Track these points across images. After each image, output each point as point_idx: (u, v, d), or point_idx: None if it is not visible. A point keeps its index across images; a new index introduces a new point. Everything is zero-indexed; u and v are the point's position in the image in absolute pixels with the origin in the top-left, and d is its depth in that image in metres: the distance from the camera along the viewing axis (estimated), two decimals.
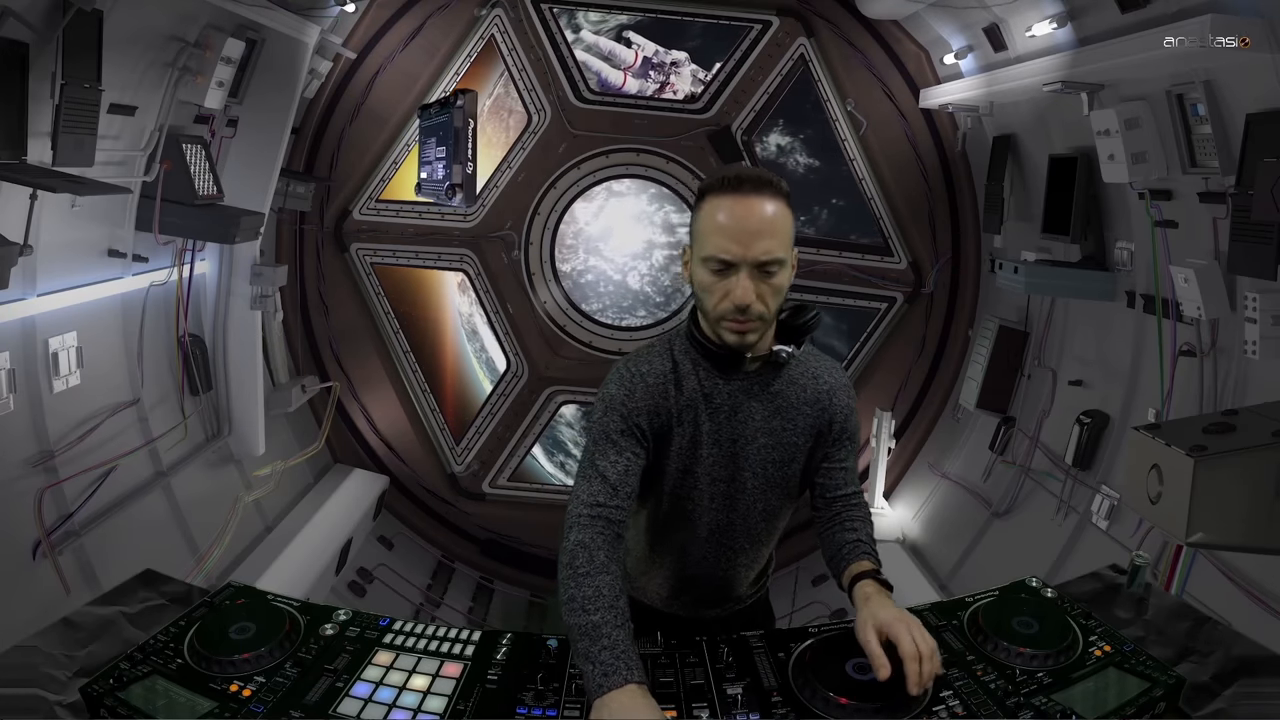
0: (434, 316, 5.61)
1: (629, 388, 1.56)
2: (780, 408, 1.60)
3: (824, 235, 5.42)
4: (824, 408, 1.62)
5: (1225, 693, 1.28)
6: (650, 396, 1.56)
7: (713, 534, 1.67)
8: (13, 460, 2.80)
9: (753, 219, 1.43)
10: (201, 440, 3.95)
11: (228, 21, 3.43)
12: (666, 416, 1.58)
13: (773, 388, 1.60)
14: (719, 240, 1.44)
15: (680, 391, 1.58)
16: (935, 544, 4.65)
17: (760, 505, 1.66)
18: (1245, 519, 2.03)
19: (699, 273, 1.49)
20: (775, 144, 5.39)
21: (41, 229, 2.76)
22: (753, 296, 1.44)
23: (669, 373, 1.59)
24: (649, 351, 1.63)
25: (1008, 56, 3.94)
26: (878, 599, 1.38)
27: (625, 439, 1.53)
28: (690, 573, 1.73)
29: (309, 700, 1.21)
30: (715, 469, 1.61)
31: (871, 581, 1.44)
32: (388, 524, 5.33)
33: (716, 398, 1.58)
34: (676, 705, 1.26)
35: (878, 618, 1.31)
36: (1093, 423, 3.61)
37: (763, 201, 1.44)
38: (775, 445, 1.61)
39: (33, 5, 2.46)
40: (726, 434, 1.60)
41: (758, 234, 1.43)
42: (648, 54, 5.22)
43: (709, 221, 1.46)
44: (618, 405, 1.55)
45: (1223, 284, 2.83)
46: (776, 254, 1.44)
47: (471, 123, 4.52)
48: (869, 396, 5.33)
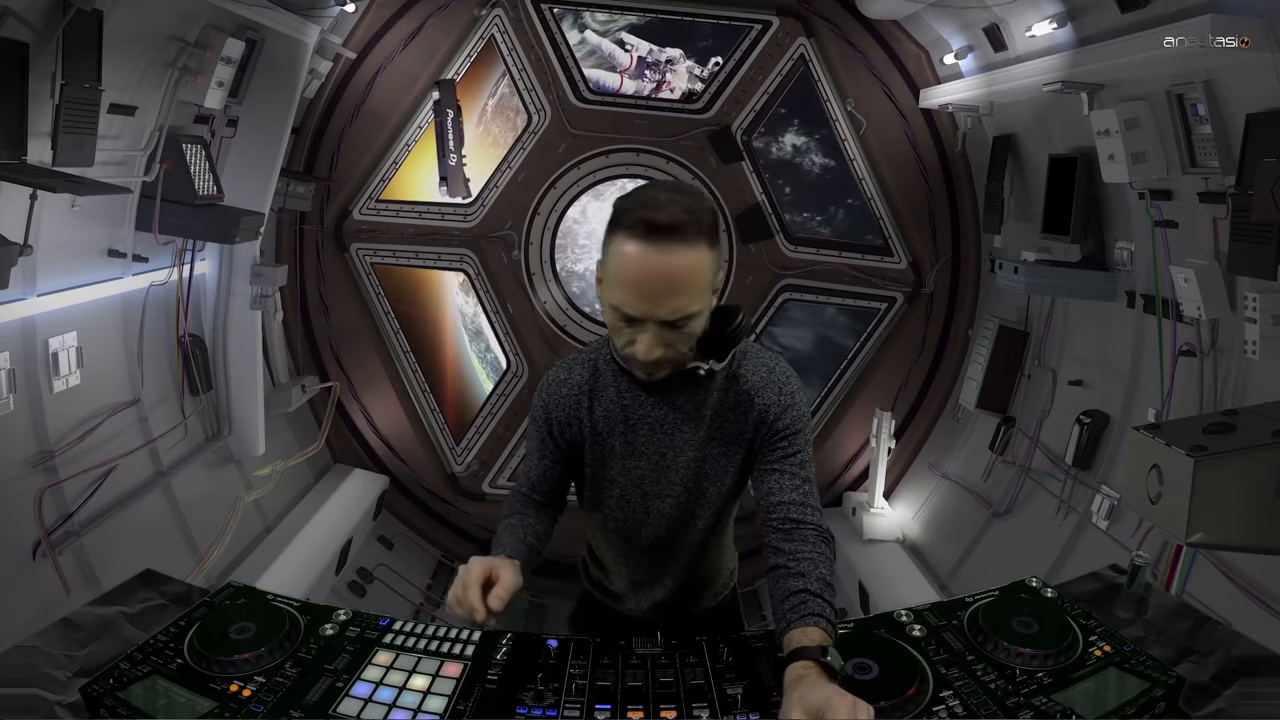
0: (434, 316, 5.60)
1: (545, 398, 1.60)
2: (706, 416, 1.52)
3: (824, 235, 5.42)
4: (746, 409, 1.51)
5: (1225, 693, 1.28)
6: (563, 408, 1.57)
7: (653, 546, 1.64)
8: (13, 460, 2.80)
9: (662, 278, 1.30)
10: (201, 440, 3.95)
11: (228, 21, 3.43)
12: (579, 427, 1.57)
13: (697, 396, 1.52)
14: (624, 295, 1.33)
15: (597, 403, 1.56)
16: (935, 544, 4.65)
17: (699, 521, 1.60)
18: (1245, 519, 2.03)
19: (608, 312, 1.39)
20: (775, 144, 5.38)
21: (41, 229, 2.76)
22: (659, 350, 1.37)
23: (584, 384, 1.57)
24: (573, 360, 1.62)
25: (1008, 56, 3.94)
26: (810, 680, 1.17)
27: (543, 448, 1.61)
28: (643, 578, 1.71)
29: (309, 700, 1.21)
30: (643, 482, 1.58)
31: (805, 663, 1.20)
32: (388, 524, 5.33)
33: (638, 410, 1.53)
34: (676, 705, 1.26)
35: (806, 701, 1.12)
36: (1093, 423, 3.61)
37: (675, 255, 1.29)
38: (703, 458, 1.54)
39: (33, 5, 2.46)
40: (651, 447, 1.55)
41: (666, 293, 1.31)
42: (642, 54, 5.21)
43: (616, 264, 1.34)
44: (537, 415, 1.61)
45: (1223, 284, 2.83)
46: (687, 309, 1.34)
47: (450, 113, 4.54)
48: (869, 396, 5.34)
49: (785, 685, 1.19)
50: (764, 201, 5.31)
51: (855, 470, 5.43)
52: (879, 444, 4.77)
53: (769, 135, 5.34)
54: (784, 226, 5.36)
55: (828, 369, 5.49)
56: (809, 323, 5.54)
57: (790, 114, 5.31)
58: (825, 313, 5.51)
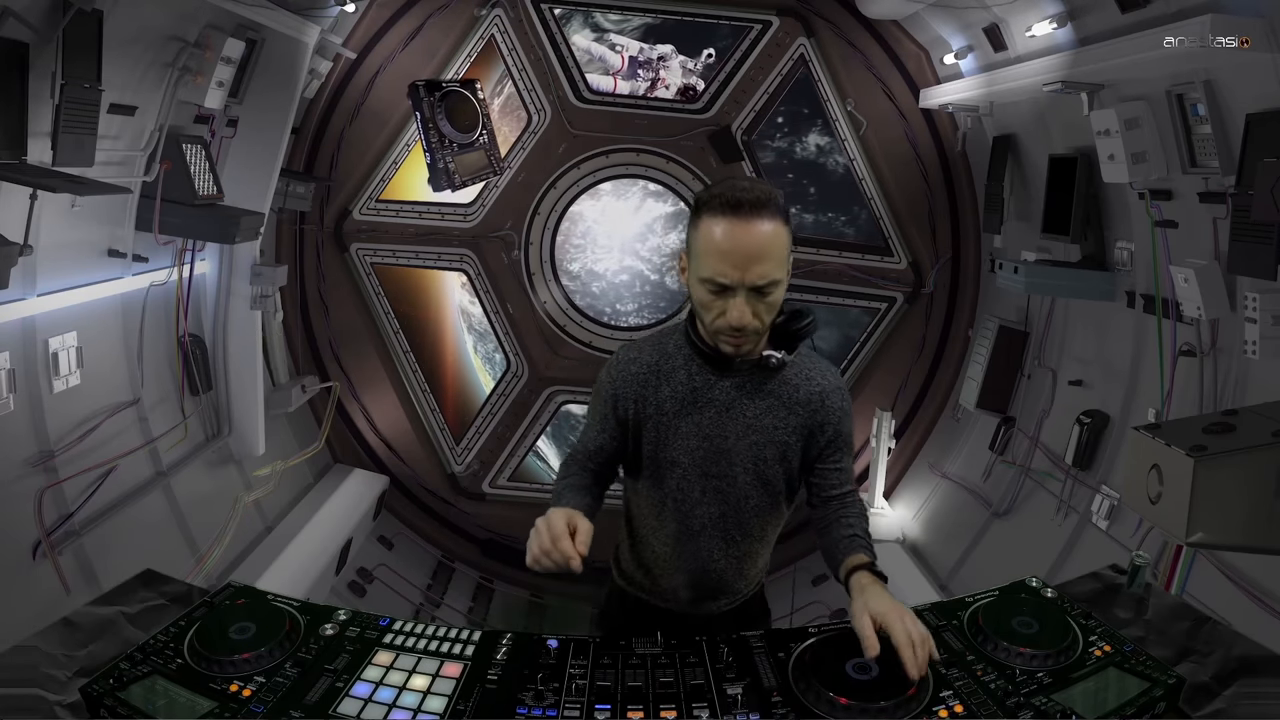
0: (434, 316, 5.61)
1: (614, 375, 1.68)
2: (772, 406, 1.65)
3: (824, 235, 5.42)
4: (815, 409, 1.66)
5: (1225, 693, 1.28)
6: (630, 386, 1.66)
7: (706, 527, 1.71)
8: (13, 460, 2.80)
9: (750, 244, 1.44)
10: (201, 440, 3.95)
11: (228, 21, 3.43)
12: (643, 406, 1.66)
13: (766, 387, 1.64)
14: (716, 264, 1.46)
15: (665, 384, 1.65)
16: (935, 544, 4.64)
17: (753, 501, 1.70)
18: (1245, 519, 2.03)
19: (697, 289, 1.53)
20: (775, 144, 5.38)
21: (41, 229, 2.76)
22: (749, 317, 1.49)
23: (653, 365, 1.66)
24: (643, 343, 1.72)
25: (1008, 56, 3.94)
26: (873, 589, 1.43)
27: (603, 422, 1.70)
28: (687, 564, 1.75)
29: (309, 700, 1.21)
30: (705, 462, 1.66)
31: (867, 573, 1.48)
32: (388, 524, 5.34)
33: (707, 393, 1.63)
34: (676, 705, 1.26)
35: (871, 607, 1.35)
36: (1093, 423, 3.61)
37: (760, 224, 1.44)
38: (766, 443, 1.65)
39: (33, 5, 2.46)
40: (716, 429, 1.64)
41: (754, 259, 1.45)
42: (633, 53, 5.21)
43: (706, 241, 1.48)
44: (603, 391, 1.70)
45: (1223, 284, 2.83)
46: (773, 276, 1.47)
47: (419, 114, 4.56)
48: (869, 396, 5.34)
49: (851, 593, 1.46)
50: None
51: (855, 470, 5.42)
52: (879, 444, 4.77)
53: (768, 135, 5.34)
54: None
55: None
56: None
57: (790, 114, 5.31)
58: (822, 312, 5.52)
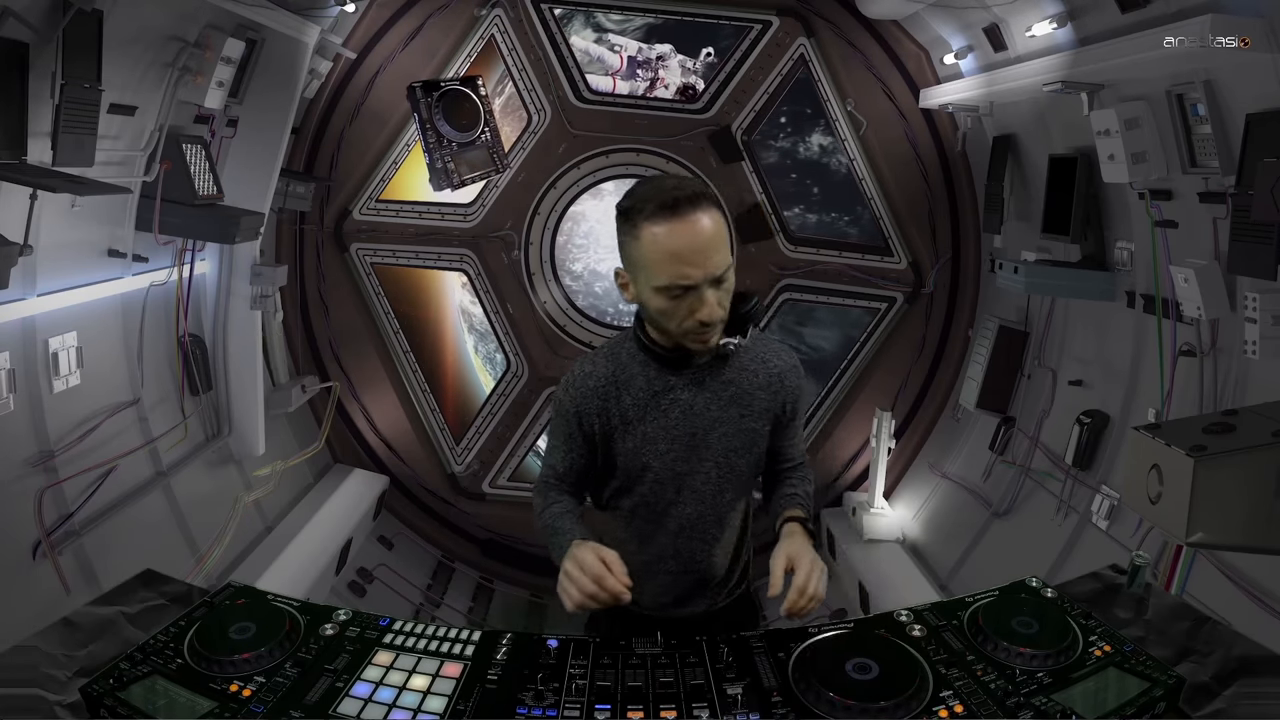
0: (434, 316, 5.60)
1: (573, 394, 1.68)
2: (735, 395, 1.67)
3: (824, 235, 5.42)
4: (776, 390, 1.71)
5: (1225, 693, 1.28)
6: (590, 401, 1.66)
7: (684, 527, 1.71)
8: (13, 460, 2.80)
9: (700, 240, 1.46)
10: (201, 440, 3.95)
11: (228, 21, 3.43)
12: (608, 418, 1.66)
13: (724, 377, 1.67)
14: (673, 268, 1.47)
15: (625, 393, 1.65)
16: (935, 544, 4.64)
17: (728, 495, 1.72)
18: (1245, 519, 2.03)
19: (654, 299, 1.52)
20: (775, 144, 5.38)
21: (41, 229, 2.75)
22: (717, 309, 1.51)
23: (609, 376, 1.66)
24: (595, 356, 1.73)
25: (1008, 56, 3.94)
26: (796, 538, 1.59)
27: (569, 441, 1.71)
28: (669, 567, 1.75)
29: (309, 700, 1.21)
30: (677, 464, 1.66)
31: (797, 524, 1.63)
32: (388, 524, 5.33)
33: (668, 394, 1.64)
34: (676, 705, 1.26)
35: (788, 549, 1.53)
36: (1093, 423, 3.61)
37: (701, 217, 1.46)
38: (735, 432, 1.67)
39: (33, 5, 2.46)
40: (683, 428, 1.65)
41: (707, 252, 1.47)
42: (631, 53, 5.20)
43: (654, 250, 1.48)
44: (564, 410, 1.69)
45: (1223, 284, 2.83)
46: (728, 262, 1.50)
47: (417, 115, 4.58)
48: (869, 396, 5.34)
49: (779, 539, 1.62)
50: (764, 201, 5.31)
51: (855, 470, 5.43)
52: (879, 444, 4.77)
53: (768, 135, 5.34)
54: (784, 226, 5.36)
55: (827, 369, 5.49)
56: (809, 322, 5.54)
57: (790, 114, 5.30)
58: (822, 312, 5.52)
